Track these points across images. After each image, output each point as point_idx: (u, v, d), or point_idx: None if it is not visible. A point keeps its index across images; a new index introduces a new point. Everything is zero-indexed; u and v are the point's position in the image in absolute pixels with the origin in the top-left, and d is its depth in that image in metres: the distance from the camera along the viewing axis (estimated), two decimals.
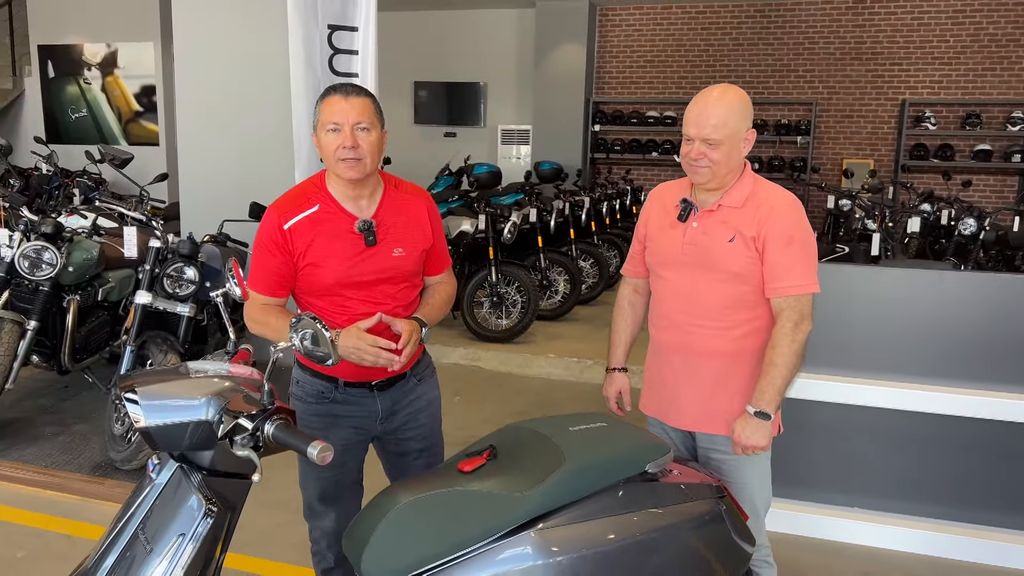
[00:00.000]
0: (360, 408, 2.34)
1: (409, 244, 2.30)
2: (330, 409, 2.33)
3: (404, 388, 2.39)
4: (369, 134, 2.17)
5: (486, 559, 1.86)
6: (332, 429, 2.33)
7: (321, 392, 2.32)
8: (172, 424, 1.58)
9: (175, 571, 1.54)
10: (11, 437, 4.28)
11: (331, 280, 2.20)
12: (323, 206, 2.23)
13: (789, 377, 2.26)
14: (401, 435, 2.43)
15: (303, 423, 2.33)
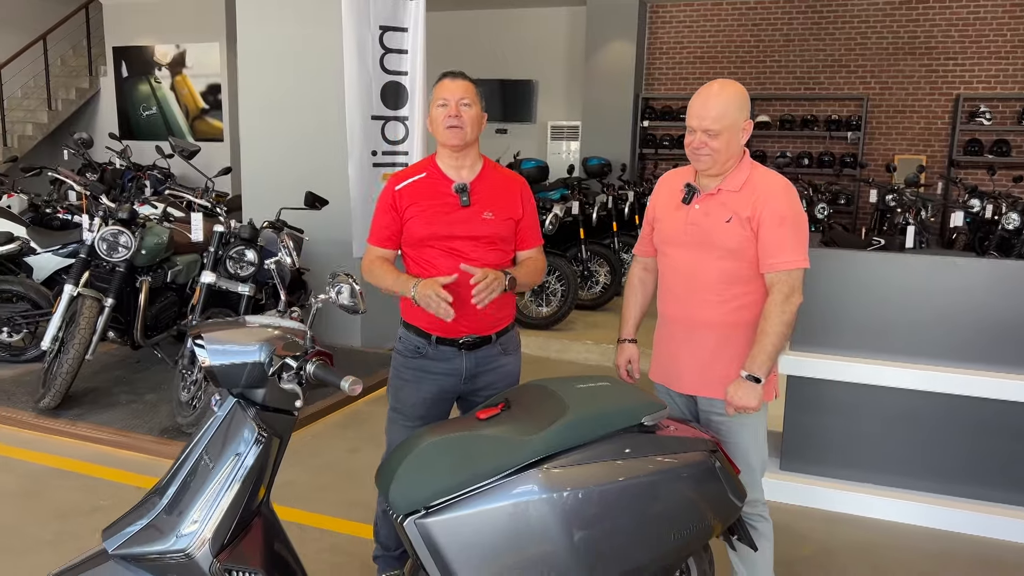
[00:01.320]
0: (448, 365, 2.66)
1: (499, 211, 2.63)
2: (422, 364, 2.67)
3: (489, 353, 2.70)
4: (470, 109, 2.59)
5: (496, 493, 2.13)
6: (422, 382, 2.67)
7: (416, 347, 2.67)
8: (231, 364, 1.89)
9: (232, 483, 1.86)
10: (90, 404, 4.73)
11: (426, 232, 2.57)
12: (430, 173, 2.65)
13: (779, 345, 2.48)
14: (478, 398, 2.72)
15: (399, 374, 2.70)
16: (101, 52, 12.11)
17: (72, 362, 4.44)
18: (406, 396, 2.68)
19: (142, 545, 1.85)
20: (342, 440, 4.47)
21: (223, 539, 1.86)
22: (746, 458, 2.62)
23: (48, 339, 4.54)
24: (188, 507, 1.87)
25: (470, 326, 2.62)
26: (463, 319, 2.58)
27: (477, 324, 2.63)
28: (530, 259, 2.76)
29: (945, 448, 3.66)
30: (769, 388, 2.59)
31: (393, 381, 2.73)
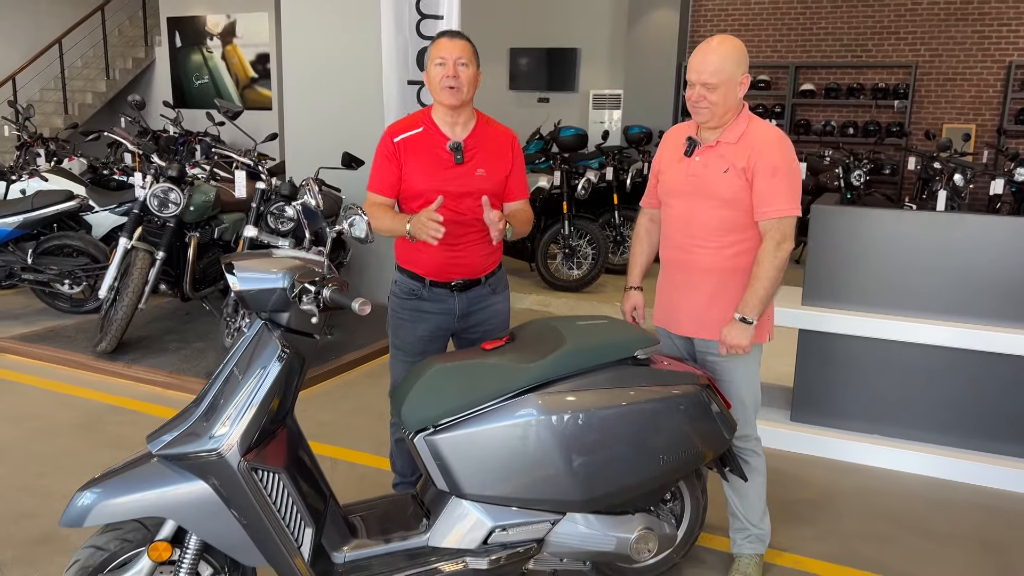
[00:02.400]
0: (442, 306, 2.87)
1: (491, 168, 2.81)
2: (418, 305, 2.88)
3: (479, 293, 2.91)
4: (467, 68, 2.71)
5: (497, 414, 2.34)
6: (418, 322, 2.89)
7: (412, 290, 2.88)
8: (258, 290, 2.13)
9: (258, 393, 2.11)
10: (143, 349, 5.07)
11: (422, 186, 2.74)
12: (426, 128, 2.78)
13: (771, 289, 2.62)
14: (473, 334, 2.95)
15: (396, 315, 2.91)
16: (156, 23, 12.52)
17: (126, 309, 4.78)
18: (404, 334, 2.90)
19: (181, 446, 2.10)
20: (373, 387, 4.74)
21: (250, 441, 2.10)
22: (739, 396, 2.78)
23: (105, 288, 4.88)
24: (220, 413, 2.11)
25: (461, 271, 2.83)
26: (455, 266, 2.80)
27: (467, 269, 2.84)
28: (519, 210, 2.90)
29: (951, 401, 3.76)
30: (762, 330, 2.74)
31: (392, 321, 2.93)
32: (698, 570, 2.91)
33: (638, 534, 2.48)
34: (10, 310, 6.16)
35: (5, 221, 5.66)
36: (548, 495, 2.36)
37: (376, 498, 2.67)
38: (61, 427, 4.03)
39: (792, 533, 3.18)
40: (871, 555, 3.04)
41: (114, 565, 2.14)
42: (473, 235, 2.82)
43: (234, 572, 2.25)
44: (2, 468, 3.56)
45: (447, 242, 2.74)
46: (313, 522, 2.21)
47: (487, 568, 2.32)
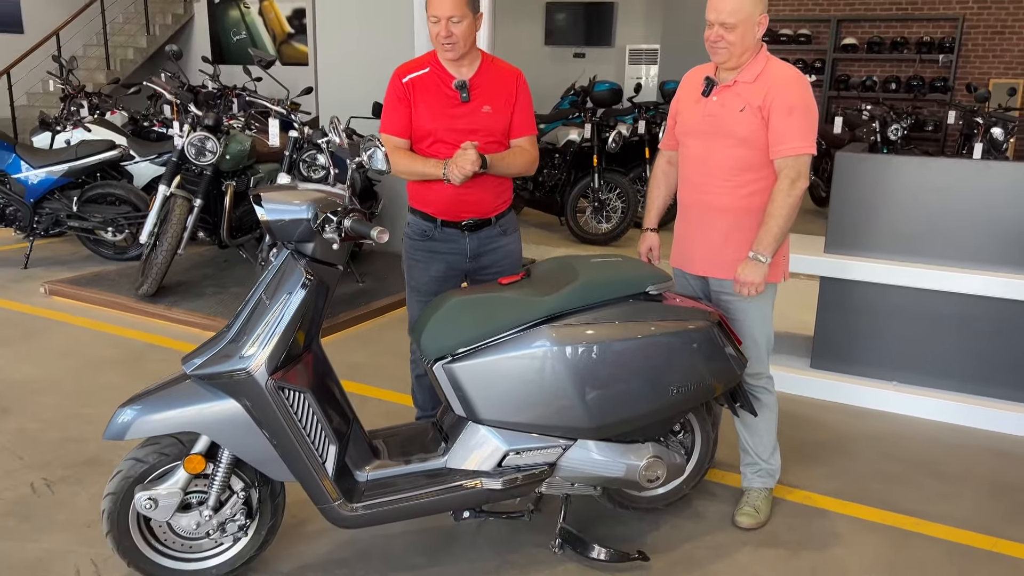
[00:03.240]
0: (454, 246, 2.96)
1: (496, 105, 2.88)
2: (430, 245, 2.97)
3: (490, 234, 3.00)
4: (460, 24, 2.74)
5: (511, 344, 2.44)
6: (431, 262, 2.98)
7: (424, 231, 2.97)
8: (284, 220, 2.24)
9: (284, 317, 2.23)
10: (183, 294, 5.27)
11: (430, 125, 2.83)
12: (432, 69, 2.86)
13: (784, 227, 2.67)
14: (485, 275, 3.04)
15: (411, 256, 3.00)
16: None
17: (166, 254, 4.96)
18: (419, 274, 2.99)
19: (213, 367, 2.24)
20: (402, 331, 4.87)
21: (276, 362, 2.23)
22: (752, 334, 2.84)
23: (145, 234, 5.07)
24: (249, 336, 2.24)
25: (471, 210, 2.91)
26: (465, 205, 2.89)
27: (477, 208, 2.91)
28: (518, 147, 2.96)
29: (972, 348, 3.77)
30: (776, 270, 2.79)
31: (406, 262, 3.03)
32: (709, 503, 3.00)
33: (647, 462, 2.58)
34: (58, 257, 6.41)
35: (51, 170, 5.87)
36: (560, 422, 2.46)
37: (398, 425, 2.81)
38: (105, 363, 4.23)
39: (804, 472, 3.26)
40: (881, 494, 3.10)
41: (153, 476, 2.30)
42: (483, 176, 2.86)
43: (264, 486, 2.40)
44: (52, 398, 3.77)
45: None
46: (337, 440, 2.34)
47: (501, 488, 2.44)
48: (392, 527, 2.80)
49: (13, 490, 2.98)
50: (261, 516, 2.43)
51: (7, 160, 5.85)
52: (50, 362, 4.23)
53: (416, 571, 2.57)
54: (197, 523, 2.34)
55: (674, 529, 2.83)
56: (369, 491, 2.42)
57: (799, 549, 2.73)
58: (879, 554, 2.72)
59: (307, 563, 2.60)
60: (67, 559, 2.58)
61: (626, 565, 2.61)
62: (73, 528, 2.75)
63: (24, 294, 5.40)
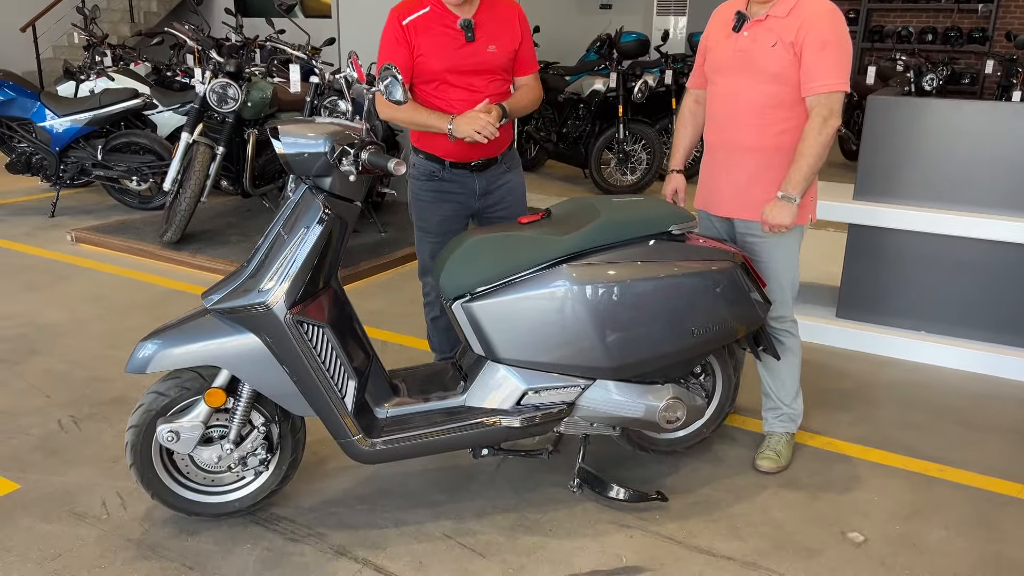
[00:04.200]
0: (462, 186, 2.94)
1: (501, 43, 2.82)
2: (438, 186, 2.94)
3: (496, 171, 2.97)
4: None
5: (531, 282, 2.42)
6: (440, 203, 2.95)
7: (432, 172, 2.93)
8: (301, 153, 2.22)
9: (302, 251, 2.22)
10: (206, 241, 5.30)
11: (437, 67, 2.76)
12: (433, 8, 2.78)
13: (815, 167, 2.60)
14: (493, 213, 3.02)
15: (418, 197, 2.97)
16: None
17: (189, 201, 4.98)
18: (428, 216, 2.95)
19: (232, 301, 2.24)
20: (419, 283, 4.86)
21: (295, 297, 2.23)
22: (778, 277, 2.79)
23: (168, 181, 5.08)
24: (267, 270, 2.24)
25: (480, 150, 2.86)
26: (474, 147, 2.83)
27: (486, 149, 2.88)
28: (525, 87, 2.92)
29: (1002, 297, 3.68)
30: (804, 211, 2.73)
31: (414, 203, 2.99)
32: (729, 447, 2.99)
33: (667, 403, 2.56)
34: (84, 206, 6.46)
35: (75, 118, 5.89)
36: (579, 361, 2.44)
37: (418, 365, 2.81)
38: (130, 308, 4.28)
39: (826, 418, 3.22)
40: (905, 441, 3.07)
41: (175, 410, 2.33)
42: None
43: (284, 421, 2.42)
44: (78, 340, 3.82)
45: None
46: (356, 376, 2.35)
47: (519, 426, 2.44)
48: (412, 465, 2.82)
49: (41, 427, 3.03)
50: (282, 451, 2.45)
51: (32, 108, 5.88)
52: (76, 306, 4.28)
53: (436, 508, 2.59)
54: (219, 457, 2.37)
55: (693, 472, 2.82)
56: (388, 427, 2.43)
57: (820, 493, 2.71)
58: (901, 499, 2.69)
59: (328, 499, 2.63)
60: (93, 492, 2.63)
61: (644, 505, 2.61)
62: (99, 463, 2.80)
63: (51, 242, 5.46)
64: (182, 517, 2.50)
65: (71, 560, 2.30)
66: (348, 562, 2.32)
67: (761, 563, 2.35)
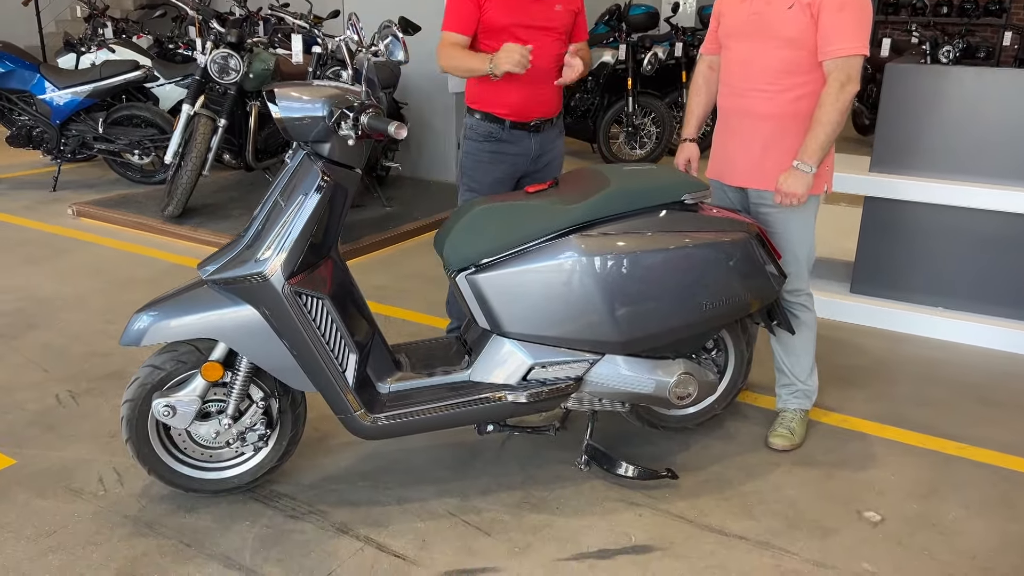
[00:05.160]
0: (520, 147, 2.93)
1: (565, 4, 2.86)
2: (496, 147, 2.92)
3: (551, 134, 2.99)
4: None
5: (538, 254, 2.33)
6: (497, 163, 2.94)
7: (490, 132, 2.91)
8: (299, 118, 2.13)
9: (299, 219, 2.14)
10: (209, 215, 5.22)
11: (505, 21, 2.77)
12: None
13: (832, 134, 2.49)
14: (540, 175, 3.02)
15: (476, 157, 2.94)
16: None
17: (190, 174, 4.90)
18: (482, 176, 2.94)
19: (228, 271, 2.16)
20: (429, 255, 4.79)
21: (293, 267, 2.15)
22: (792, 249, 2.69)
23: (170, 154, 4.99)
24: (264, 239, 2.16)
25: (540, 109, 2.88)
26: (536, 104, 2.86)
27: (545, 107, 2.90)
28: (580, 50, 2.89)
29: (1020, 271, 3.59)
30: (820, 181, 2.63)
31: (468, 163, 2.96)
32: (741, 424, 2.91)
33: (677, 378, 2.48)
34: (86, 180, 6.39)
35: (76, 90, 5.80)
36: (587, 335, 2.36)
37: (422, 340, 2.73)
38: (131, 282, 4.21)
39: (842, 395, 3.14)
40: (922, 418, 2.99)
41: (171, 384, 2.26)
42: (552, 73, 2.86)
43: (284, 396, 2.35)
44: (78, 315, 3.76)
45: (529, 80, 2.81)
46: (357, 349, 2.27)
47: (526, 402, 2.37)
48: (415, 441, 2.76)
49: (39, 401, 2.98)
50: (282, 426, 2.39)
51: (31, 80, 5.79)
52: (76, 280, 4.22)
53: (439, 484, 2.52)
54: (216, 432, 2.31)
55: (704, 449, 2.75)
56: (391, 402, 2.36)
57: (835, 471, 2.64)
58: (919, 477, 2.61)
59: (330, 475, 2.57)
60: (90, 467, 2.57)
61: (654, 483, 2.54)
62: (96, 438, 2.74)
63: (52, 215, 5.39)
64: (180, 494, 2.44)
65: (66, 537, 2.25)
66: (350, 540, 2.26)
67: (774, 542, 2.28)
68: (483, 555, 2.21)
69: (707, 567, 2.18)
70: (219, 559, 2.17)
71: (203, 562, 2.16)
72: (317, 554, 2.20)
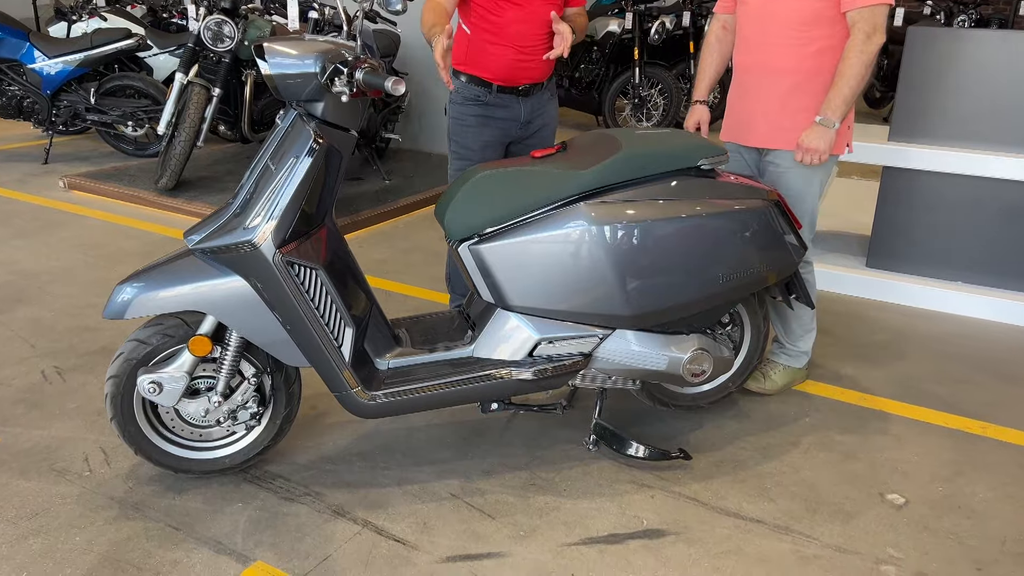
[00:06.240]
0: (507, 111, 2.77)
1: None
2: (483, 110, 2.77)
3: (540, 98, 2.82)
4: None
5: (545, 222, 2.20)
6: (485, 127, 2.78)
7: (476, 96, 2.76)
8: (290, 74, 1.99)
9: (291, 183, 2.00)
10: (204, 188, 5.08)
11: None
12: None
13: (856, 89, 2.35)
14: (531, 142, 2.88)
15: (461, 121, 2.79)
16: None
17: (184, 145, 4.75)
18: (469, 140, 2.79)
19: (216, 239, 2.03)
20: (430, 229, 4.66)
21: (284, 235, 2.02)
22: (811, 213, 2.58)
23: (163, 124, 4.84)
24: (254, 205, 2.03)
25: (529, 75, 2.72)
26: (524, 69, 2.70)
27: (534, 73, 2.74)
28: (578, 15, 2.77)
29: None
30: (841, 140, 2.50)
31: (455, 128, 2.81)
32: (755, 403, 2.79)
33: (692, 354, 2.36)
34: (79, 152, 6.24)
35: (66, 59, 5.64)
36: (597, 309, 2.23)
37: (422, 314, 2.61)
38: (123, 255, 4.09)
39: (860, 372, 3.02)
40: (944, 396, 2.86)
41: (157, 359, 2.14)
42: (543, 39, 2.70)
43: (277, 372, 2.23)
44: (67, 289, 3.64)
45: (518, 46, 2.66)
46: (354, 323, 2.14)
47: (531, 379, 2.24)
48: (415, 420, 2.64)
49: (24, 377, 2.86)
50: (275, 404, 2.27)
51: (21, 49, 5.63)
52: (66, 254, 4.09)
53: (441, 465, 2.41)
54: (206, 410, 2.19)
55: (717, 429, 2.63)
56: (390, 379, 2.23)
57: (855, 451, 2.52)
58: (942, 458, 2.49)
59: (326, 455, 2.45)
60: (76, 446, 2.46)
61: (665, 464, 2.42)
62: (83, 416, 2.62)
63: (43, 188, 5.25)
64: (168, 475, 2.33)
65: (49, 519, 2.14)
66: (347, 523, 2.15)
67: (794, 527, 2.17)
68: (487, 539, 2.10)
69: (723, 552, 2.07)
70: (209, 543, 2.06)
71: (192, 546, 2.05)
72: (313, 538, 2.09)
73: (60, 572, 1.95)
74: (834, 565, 2.03)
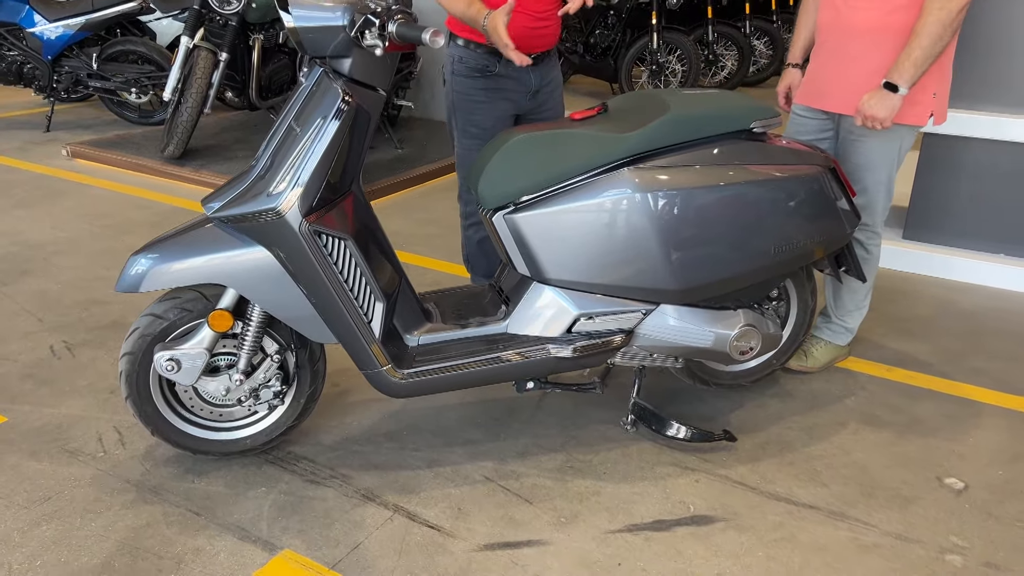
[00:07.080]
0: (517, 82, 2.59)
1: None
2: (492, 83, 2.57)
3: (548, 65, 2.65)
4: None
5: (586, 190, 2.05)
6: (496, 100, 2.60)
7: (483, 67, 2.56)
8: (316, 27, 1.83)
9: (318, 146, 1.86)
10: (212, 156, 4.92)
11: None
12: None
13: (930, 51, 2.18)
14: (538, 114, 2.70)
15: (468, 97, 2.59)
16: None
17: (191, 112, 4.58)
18: (481, 118, 2.59)
19: (237, 207, 1.89)
20: (448, 200, 4.51)
21: (311, 202, 1.88)
22: (874, 179, 2.43)
23: (168, 89, 4.67)
24: (278, 170, 1.88)
25: (541, 43, 2.57)
26: (537, 37, 2.54)
27: (546, 40, 2.58)
28: None
29: None
30: (920, 109, 2.32)
31: (462, 105, 2.60)
32: (799, 382, 2.66)
33: (740, 331, 2.23)
34: (82, 120, 6.07)
35: (67, 23, 5.45)
36: (641, 283, 2.10)
37: (452, 288, 2.47)
38: (131, 226, 3.95)
39: (904, 348, 2.89)
40: (994, 373, 2.74)
41: (175, 335, 2.01)
42: (556, 3, 2.54)
43: (301, 349, 2.10)
44: (76, 260, 3.51)
45: (533, 12, 2.48)
46: (383, 297, 2.01)
47: (570, 357, 2.11)
48: (444, 399, 2.52)
49: (31, 353, 2.74)
50: (299, 382, 2.15)
51: (20, 12, 5.44)
52: (72, 224, 3.95)
53: (473, 447, 2.29)
54: (227, 388, 2.06)
55: (760, 408, 2.51)
56: (420, 357, 2.11)
57: (905, 432, 2.40)
58: (999, 439, 2.37)
59: (352, 435, 2.33)
60: (88, 426, 2.34)
61: (709, 446, 2.30)
62: (95, 394, 2.50)
63: (46, 156, 5.10)
64: (187, 456, 2.21)
65: (62, 503, 2.02)
66: (377, 508, 2.03)
67: (849, 513, 2.05)
68: (526, 526, 1.98)
69: (777, 540, 1.95)
70: (233, 529, 1.95)
71: (215, 533, 1.94)
72: (342, 524, 1.97)
73: (76, 561, 1.84)
74: (896, 554, 1.91)
